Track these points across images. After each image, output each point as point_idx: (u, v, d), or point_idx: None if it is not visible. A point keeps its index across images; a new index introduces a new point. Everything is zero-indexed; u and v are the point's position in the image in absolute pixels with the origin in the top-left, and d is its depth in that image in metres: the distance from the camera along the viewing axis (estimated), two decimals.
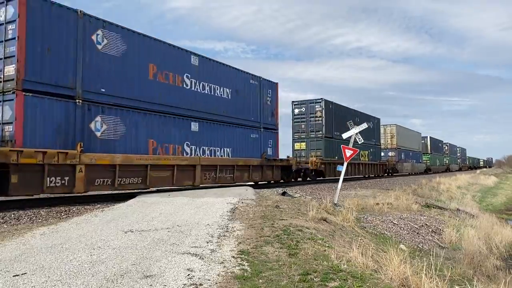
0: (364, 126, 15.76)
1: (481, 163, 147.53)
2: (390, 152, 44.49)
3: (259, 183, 21.12)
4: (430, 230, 13.35)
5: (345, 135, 15.75)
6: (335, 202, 13.95)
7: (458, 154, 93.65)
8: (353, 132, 15.31)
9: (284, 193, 14.23)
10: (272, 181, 22.32)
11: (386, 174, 42.19)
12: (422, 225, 13.51)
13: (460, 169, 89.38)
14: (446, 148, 78.99)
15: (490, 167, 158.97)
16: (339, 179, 14.60)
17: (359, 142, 16.14)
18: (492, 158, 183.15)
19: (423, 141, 61.80)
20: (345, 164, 14.83)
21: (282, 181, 22.79)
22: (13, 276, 4.41)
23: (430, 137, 65.50)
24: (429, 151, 63.54)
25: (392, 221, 13.08)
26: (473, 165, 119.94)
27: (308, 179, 25.96)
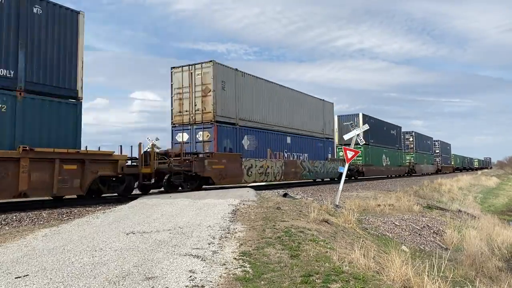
0: (365, 127, 15.76)
1: (476, 163, 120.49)
2: (180, 134, 19.24)
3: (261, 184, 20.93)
4: (432, 231, 13.33)
5: (346, 137, 15.75)
6: (337, 204, 13.95)
7: (437, 151, 66.98)
8: (354, 133, 15.32)
9: (285, 195, 14.23)
10: None
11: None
12: (423, 227, 13.49)
13: (438, 171, 63.07)
14: (411, 139, 51.71)
15: (488, 168, 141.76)
16: None
17: (361, 144, 16.13)
18: (490, 158, 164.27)
19: (349, 123, 31.77)
20: (347, 165, 14.82)
21: None
22: (15, 278, 4.42)
23: (363, 114, 35.59)
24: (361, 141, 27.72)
25: (393, 223, 13.06)
26: (463, 166, 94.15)
27: None
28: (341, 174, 15.12)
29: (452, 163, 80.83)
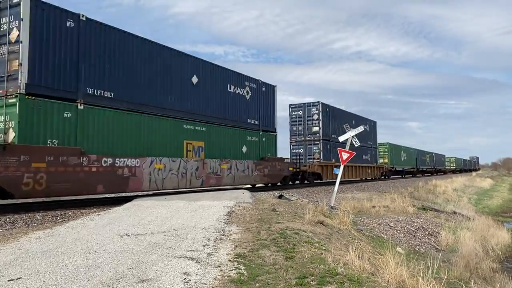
0: (360, 128, 15.82)
1: (451, 163, 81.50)
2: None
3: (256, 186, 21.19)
4: (427, 232, 13.38)
5: (341, 138, 15.80)
6: (332, 205, 13.97)
7: (315, 128, 28.31)
8: (349, 135, 15.37)
9: (280, 196, 14.23)
10: None
11: None
12: (418, 228, 13.54)
13: (287, 179, 22.98)
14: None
15: (474, 170, 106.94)
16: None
17: (356, 145, 16.18)
18: (477, 158, 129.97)
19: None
20: (342, 167, 14.86)
21: None
22: (8, 280, 4.38)
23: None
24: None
25: (388, 224, 13.10)
26: (418, 167, 57.29)
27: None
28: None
29: (386, 160, 44.77)
